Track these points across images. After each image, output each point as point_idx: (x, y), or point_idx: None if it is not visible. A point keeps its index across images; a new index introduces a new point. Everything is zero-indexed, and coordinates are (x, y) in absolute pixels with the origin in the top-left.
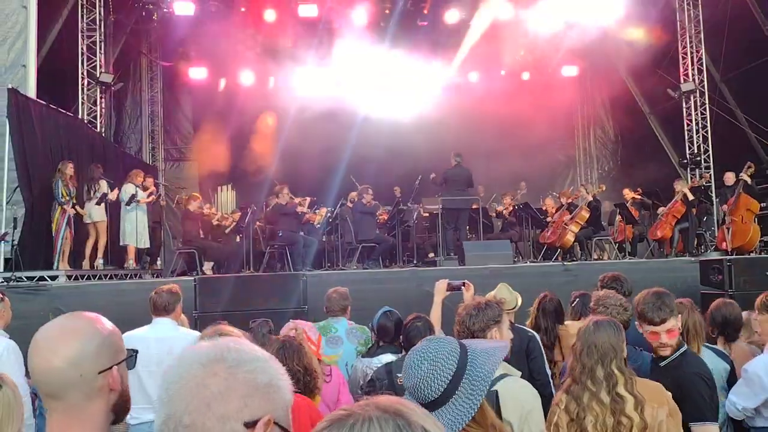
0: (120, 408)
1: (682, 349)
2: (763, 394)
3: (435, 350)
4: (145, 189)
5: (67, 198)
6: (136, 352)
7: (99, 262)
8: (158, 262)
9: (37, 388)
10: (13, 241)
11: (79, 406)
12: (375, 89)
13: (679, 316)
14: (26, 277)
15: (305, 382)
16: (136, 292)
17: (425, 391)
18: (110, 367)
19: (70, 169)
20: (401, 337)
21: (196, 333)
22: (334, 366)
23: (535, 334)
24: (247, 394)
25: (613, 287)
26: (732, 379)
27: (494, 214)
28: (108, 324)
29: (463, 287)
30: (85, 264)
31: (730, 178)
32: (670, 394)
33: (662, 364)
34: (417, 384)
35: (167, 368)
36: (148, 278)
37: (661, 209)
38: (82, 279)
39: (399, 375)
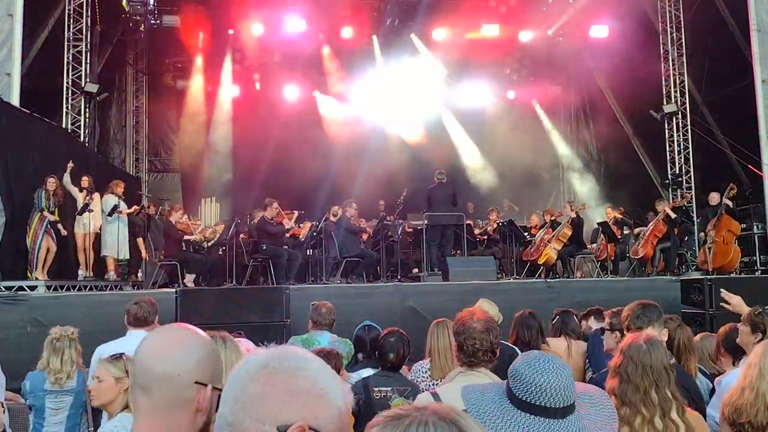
0: None
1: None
2: None
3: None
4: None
5: (48, 210)
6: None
7: (80, 273)
8: (138, 274)
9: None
10: None
11: (163, 409)
12: (363, 104)
13: (666, 330)
14: (5, 287)
15: None
16: (115, 304)
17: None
18: (206, 385)
19: (51, 184)
20: (376, 352)
21: None
22: None
23: (516, 349)
24: (283, 399)
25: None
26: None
27: (478, 231)
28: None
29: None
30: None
31: (715, 197)
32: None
33: None
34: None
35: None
36: (129, 290)
37: (638, 230)
38: (62, 290)
39: (375, 389)
